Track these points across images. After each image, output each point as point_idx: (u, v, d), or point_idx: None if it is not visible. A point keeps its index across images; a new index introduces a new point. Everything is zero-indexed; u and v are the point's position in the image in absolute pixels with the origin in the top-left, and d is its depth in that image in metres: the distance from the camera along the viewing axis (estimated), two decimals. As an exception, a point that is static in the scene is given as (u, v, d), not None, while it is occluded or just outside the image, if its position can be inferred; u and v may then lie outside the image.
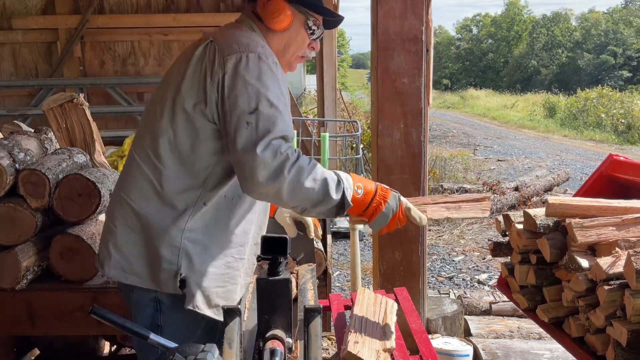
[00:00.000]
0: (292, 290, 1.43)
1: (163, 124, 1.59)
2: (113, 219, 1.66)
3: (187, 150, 1.58)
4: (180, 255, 1.58)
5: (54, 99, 2.90)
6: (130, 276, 1.62)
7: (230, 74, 1.52)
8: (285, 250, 1.37)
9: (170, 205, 1.59)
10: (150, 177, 1.60)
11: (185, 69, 1.59)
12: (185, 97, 1.57)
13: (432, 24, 2.78)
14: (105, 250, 1.66)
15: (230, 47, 1.56)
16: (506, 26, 43.76)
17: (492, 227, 6.53)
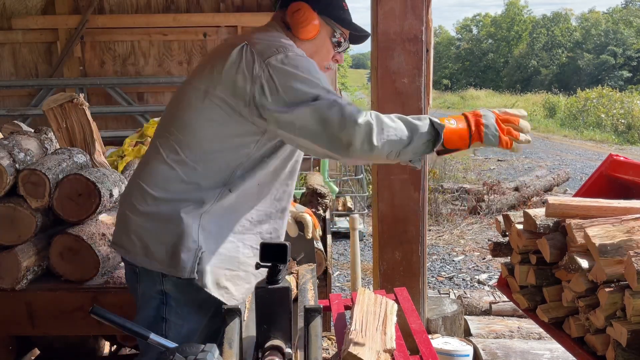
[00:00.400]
0: (291, 299, 1.41)
1: (193, 119, 1.62)
2: (130, 206, 1.67)
3: (222, 149, 1.62)
4: (199, 232, 1.60)
5: (54, 99, 2.90)
6: (154, 262, 1.63)
7: (277, 72, 1.55)
8: (284, 258, 1.34)
9: (196, 188, 1.62)
10: (177, 170, 1.63)
11: (219, 70, 1.60)
12: (220, 98, 1.59)
13: (432, 24, 2.78)
14: (126, 238, 1.67)
15: (268, 50, 1.59)
16: (506, 26, 43.76)
17: (492, 227, 6.53)
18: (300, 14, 1.70)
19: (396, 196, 2.75)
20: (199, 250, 1.60)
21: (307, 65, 1.59)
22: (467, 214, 7.30)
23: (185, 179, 1.63)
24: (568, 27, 41.81)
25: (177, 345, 1.17)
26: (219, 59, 1.63)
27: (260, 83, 1.55)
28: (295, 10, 1.71)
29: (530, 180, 8.44)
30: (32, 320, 2.33)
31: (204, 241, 1.61)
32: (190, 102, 1.65)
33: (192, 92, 1.65)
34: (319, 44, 1.77)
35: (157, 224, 1.63)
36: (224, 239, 1.66)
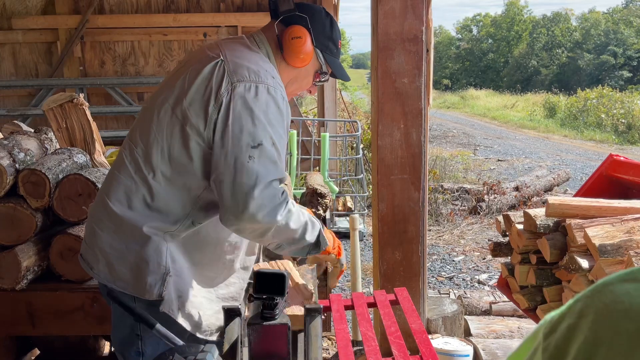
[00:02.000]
0: (290, 337, 1.26)
1: (158, 135, 1.56)
2: (98, 221, 1.62)
3: (180, 167, 1.55)
4: (167, 257, 1.55)
5: (54, 99, 2.90)
6: (118, 281, 1.58)
7: (237, 101, 1.49)
8: (282, 289, 1.21)
9: (158, 213, 1.56)
10: (139, 185, 1.56)
11: (189, 84, 1.55)
12: (185, 113, 1.53)
13: (432, 24, 2.77)
14: (91, 253, 1.63)
15: (240, 72, 1.53)
16: (506, 26, 43.75)
17: (492, 227, 6.53)
18: (299, 43, 1.64)
19: (396, 196, 2.75)
20: (166, 274, 1.54)
21: (271, 110, 1.52)
22: (467, 214, 7.30)
23: (148, 199, 1.56)
24: (568, 27, 41.80)
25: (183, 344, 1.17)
26: (192, 70, 1.57)
27: (221, 104, 1.50)
28: (295, 36, 1.65)
29: (531, 180, 8.44)
30: (32, 320, 2.33)
31: (171, 265, 1.55)
32: (159, 115, 1.57)
33: (162, 107, 1.58)
34: (303, 74, 1.73)
35: (121, 243, 1.57)
36: (191, 263, 1.60)
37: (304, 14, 1.67)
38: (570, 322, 0.49)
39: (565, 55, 39.08)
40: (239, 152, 1.46)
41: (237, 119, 1.48)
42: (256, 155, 1.46)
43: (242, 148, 1.46)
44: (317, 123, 7.70)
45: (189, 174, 1.55)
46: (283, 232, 1.53)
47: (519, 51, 41.51)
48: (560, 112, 21.07)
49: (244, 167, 1.45)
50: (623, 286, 0.48)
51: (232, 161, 1.46)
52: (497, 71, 42.71)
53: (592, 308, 0.49)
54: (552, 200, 2.30)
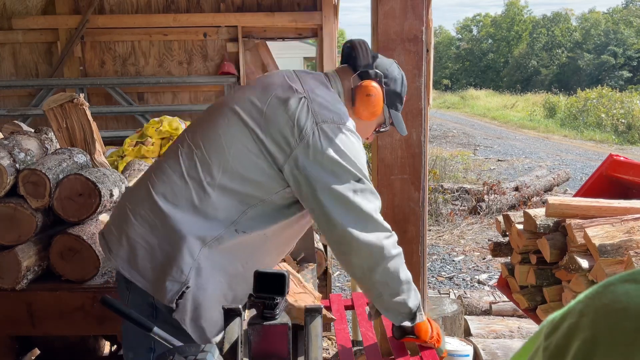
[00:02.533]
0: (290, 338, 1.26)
1: (226, 144, 1.58)
2: (135, 208, 1.60)
3: (240, 180, 1.57)
4: (192, 268, 1.54)
5: (54, 99, 2.90)
6: (135, 273, 1.57)
7: (327, 143, 1.55)
8: (283, 289, 1.20)
9: (203, 218, 1.56)
10: (191, 188, 1.57)
11: (271, 111, 1.59)
12: (260, 137, 1.57)
13: (433, 24, 2.77)
14: (116, 237, 1.61)
15: (325, 114, 1.59)
16: (506, 26, 43.75)
17: (492, 227, 6.53)
18: (372, 101, 1.70)
19: (396, 196, 2.75)
20: (184, 284, 1.53)
21: (357, 148, 1.60)
22: (467, 214, 7.30)
23: (196, 201, 1.56)
24: (568, 27, 41.81)
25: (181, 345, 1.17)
26: (275, 97, 1.61)
27: (306, 141, 1.55)
28: (369, 94, 1.70)
29: (531, 180, 8.44)
30: (32, 320, 2.33)
31: (193, 278, 1.54)
32: (229, 124, 1.60)
33: (235, 117, 1.61)
34: (366, 126, 1.79)
35: (154, 238, 1.56)
36: (213, 280, 1.59)
37: (380, 69, 1.73)
38: (570, 322, 0.50)
39: (565, 55, 39.09)
40: (342, 189, 1.54)
41: (332, 161, 1.55)
42: (359, 189, 1.56)
43: (344, 184, 1.55)
44: (317, 123, 7.69)
45: (247, 188, 1.58)
46: (391, 275, 1.60)
47: (519, 51, 41.52)
48: (560, 112, 21.08)
49: (349, 202, 1.54)
50: (623, 287, 0.49)
51: (337, 199, 1.54)
52: (497, 71, 42.72)
53: (591, 308, 0.49)
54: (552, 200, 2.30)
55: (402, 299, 1.65)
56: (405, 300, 1.65)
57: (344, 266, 1.68)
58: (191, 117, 6.12)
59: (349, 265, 1.63)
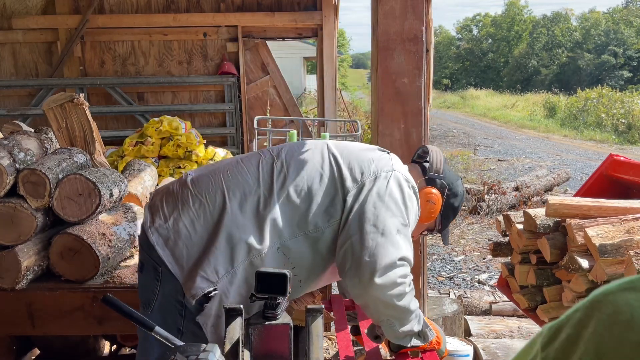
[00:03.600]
0: (292, 338, 1.26)
1: (304, 168, 1.65)
2: (197, 195, 1.61)
3: (307, 202, 1.62)
4: (228, 274, 1.54)
5: (54, 99, 2.90)
6: (167, 252, 1.57)
7: (394, 187, 1.64)
8: (284, 289, 1.21)
9: (259, 227, 1.58)
10: (260, 193, 1.61)
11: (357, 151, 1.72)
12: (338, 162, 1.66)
13: (433, 23, 2.77)
14: (164, 212, 1.61)
15: (401, 172, 1.70)
16: (506, 26, 43.74)
17: (492, 227, 6.53)
18: (431, 208, 1.79)
19: (396, 196, 2.75)
20: (213, 285, 1.53)
21: (413, 203, 1.68)
22: (467, 213, 7.30)
23: (260, 208, 1.60)
24: (568, 27, 41.80)
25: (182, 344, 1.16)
26: (361, 148, 1.76)
27: (377, 177, 1.64)
28: (430, 200, 1.79)
29: (531, 180, 8.44)
30: (32, 320, 2.33)
31: (225, 284, 1.55)
32: (315, 150, 1.71)
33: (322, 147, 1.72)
34: (418, 227, 1.82)
35: (205, 231, 1.57)
36: (239, 294, 1.58)
37: (446, 181, 1.82)
38: (569, 333, 0.48)
39: (565, 55, 39.07)
40: (388, 223, 1.60)
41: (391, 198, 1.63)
42: (403, 232, 1.62)
43: (392, 220, 1.61)
44: (317, 123, 7.70)
45: (310, 208, 1.61)
46: (402, 309, 1.64)
47: (519, 51, 41.51)
48: (560, 112, 21.07)
49: (388, 237, 1.58)
50: (624, 296, 0.47)
51: (379, 226, 1.58)
52: (497, 71, 42.71)
53: (592, 319, 0.47)
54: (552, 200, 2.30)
55: (410, 326, 1.71)
56: (413, 325, 1.72)
57: (357, 301, 1.70)
58: (191, 117, 6.13)
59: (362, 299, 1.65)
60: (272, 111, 7.10)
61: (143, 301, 1.67)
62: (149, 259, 1.62)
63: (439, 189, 1.80)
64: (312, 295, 2.07)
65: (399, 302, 1.62)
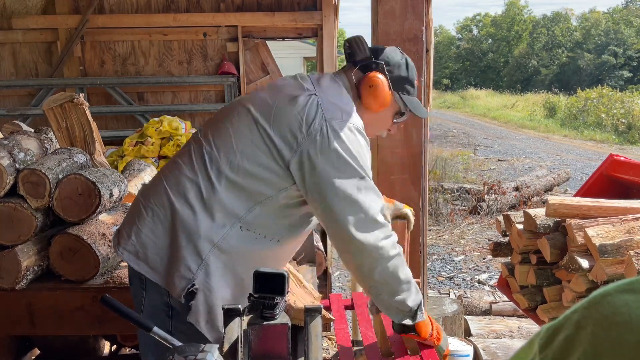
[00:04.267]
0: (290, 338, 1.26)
1: (235, 141, 1.61)
2: (147, 205, 1.63)
3: (247, 176, 1.59)
4: (201, 267, 1.56)
5: (54, 98, 2.90)
6: (141, 264, 1.60)
7: (333, 139, 1.56)
8: (283, 288, 1.21)
9: (210, 216, 1.57)
10: (200, 183, 1.59)
11: (279, 107, 1.61)
12: (268, 133, 1.59)
13: (433, 23, 2.77)
14: (126, 231, 1.65)
15: (333, 110, 1.60)
16: (506, 26, 43.74)
17: (492, 227, 6.53)
18: (377, 91, 1.70)
19: (396, 196, 2.75)
20: (191, 282, 1.54)
21: (363, 148, 1.61)
22: (467, 213, 7.30)
23: (205, 197, 1.58)
24: (568, 27, 41.79)
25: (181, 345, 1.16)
26: (285, 95, 1.64)
27: (314, 136, 1.56)
28: (373, 85, 1.70)
29: (531, 180, 8.44)
30: (32, 320, 2.33)
31: (202, 278, 1.56)
32: (240, 121, 1.64)
33: (245, 114, 1.64)
34: (382, 117, 1.78)
35: (164, 234, 1.59)
36: (224, 282, 1.59)
37: (379, 59, 1.73)
38: (567, 334, 0.48)
39: (565, 55, 39.07)
40: (346, 185, 1.55)
41: (338, 156, 1.56)
42: (363, 186, 1.57)
43: (348, 180, 1.55)
44: (317, 123, 7.68)
45: (254, 185, 1.59)
46: (391, 274, 1.60)
47: (519, 51, 41.50)
48: (561, 112, 21.07)
49: (352, 199, 1.54)
50: (622, 297, 0.47)
51: (340, 194, 1.54)
52: (497, 71, 42.71)
53: (590, 320, 0.47)
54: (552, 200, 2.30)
55: (401, 298, 1.65)
56: (405, 299, 1.65)
57: (344, 263, 1.70)
58: (191, 117, 6.13)
59: (348, 263, 1.64)
60: (272, 111, 7.09)
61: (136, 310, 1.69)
62: (132, 272, 1.67)
63: (376, 70, 1.71)
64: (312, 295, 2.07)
65: (382, 266, 1.58)
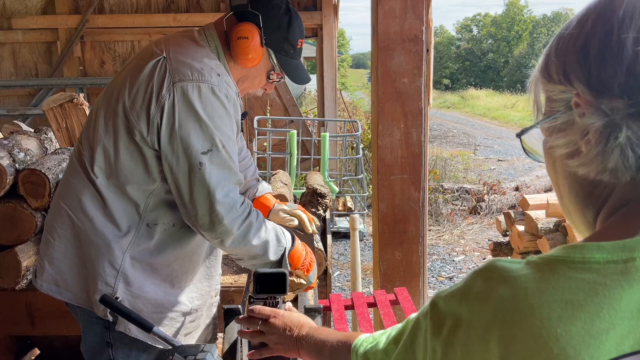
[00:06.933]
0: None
1: (105, 137, 1.49)
2: (51, 230, 1.56)
3: (126, 170, 1.49)
4: (118, 278, 1.49)
5: (54, 98, 2.90)
6: (64, 292, 1.55)
7: (180, 104, 1.42)
8: (284, 288, 1.21)
9: (113, 223, 1.50)
10: (92, 194, 1.50)
11: (131, 84, 1.47)
12: (127, 115, 1.46)
13: (433, 23, 2.77)
14: (41, 263, 1.58)
15: (183, 71, 1.44)
16: (506, 26, 43.76)
17: (492, 227, 6.53)
18: (245, 43, 1.53)
19: (396, 196, 2.75)
20: (113, 296, 1.47)
21: (217, 111, 1.44)
22: (467, 214, 7.30)
23: (99, 204, 1.50)
24: (568, 27, 41.79)
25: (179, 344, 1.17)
26: (135, 68, 1.50)
27: (162, 105, 1.42)
28: (241, 36, 1.53)
29: (531, 180, 8.44)
30: (32, 320, 2.33)
31: (123, 289, 1.49)
32: (104, 112, 1.51)
33: (107, 102, 1.52)
34: (253, 73, 1.63)
35: (74, 254, 1.53)
36: (148, 286, 1.53)
37: (257, 10, 1.55)
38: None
39: (566, 55, 39.06)
40: (190, 160, 1.42)
41: (183, 124, 1.42)
42: (206, 161, 1.42)
43: (192, 155, 1.41)
44: (317, 123, 7.70)
45: (135, 177, 1.49)
46: (242, 244, 1.49)
47: (519, 51, 41.53)
48: (561, 112, 21.07)
49: (196, 175, 1.42)
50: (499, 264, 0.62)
51: (186, 168, 1.42)
52: (497, 71, 42.72)
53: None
54: (552, 200, 2.30)
55: (262, 259, 1.54)
56: (267, 257, 1.54)
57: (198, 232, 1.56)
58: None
59: (201, 234, 1.52)
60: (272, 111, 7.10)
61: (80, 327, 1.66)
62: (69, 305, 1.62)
63: (249, 21, 1.54)
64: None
65: (231, 239, 1.47)
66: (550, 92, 0.62)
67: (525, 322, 0.53)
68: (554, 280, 0.55)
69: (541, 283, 0.56)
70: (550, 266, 0.58)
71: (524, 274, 0.59)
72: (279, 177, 2.90)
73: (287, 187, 2.79)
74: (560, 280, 0.55)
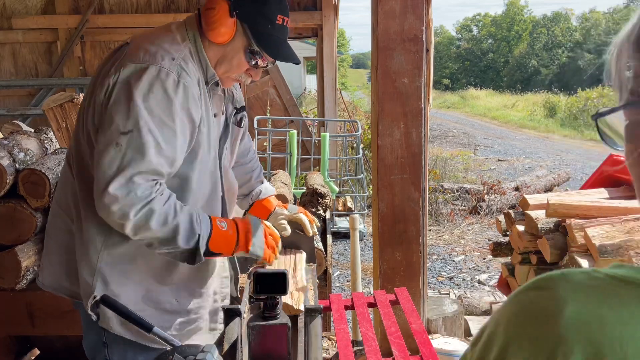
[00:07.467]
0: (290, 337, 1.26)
1: (80, 134, 1.50)
2: (48, 227, 1.66)
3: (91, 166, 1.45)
4: (96, 277, 1.49)
5: (54, 98, 2.90)
6: (63, 289, 1.62)
7: (120, 84, 1.38)
8: (284, 288, 1.20)
9: (92, 220, 1.48)
10: (76, 192, 1.52)
11: (98, 74, 1.47)
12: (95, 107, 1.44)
13: (433, 23, 2.77)
14: (42, 260, 1.68)
15: (135, 54, 1.41)
16: (506, 26, 43.74)
17: (492, 227, 6.53)
18: (212, 13, 1.47)
19: (396, 196, 2.75)
20: (91, 295, 1.49)
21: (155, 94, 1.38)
22: (467, 214, 7.29)
23: (80, 202, 1.50)
24: (568, 27, 41.80)
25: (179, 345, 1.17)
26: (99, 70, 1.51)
27: (107, 84, 1.40)
28: (209, 7, 1.47)
29: (531, 180, 8.44)
30: (32, 320, 2.33)
31: (101, 287, 1.49)
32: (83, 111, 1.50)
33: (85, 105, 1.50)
34: (230, 52, 1.53)
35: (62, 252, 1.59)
36: (127, 284, 1.51)
37: None
38: (489, 331, 0.56)
39: (565, 55, 39.08)
40: (108, 137, 1.36)
41: (115, 102, 1.37)
42: (124, 142, 1.35)
43: (112, 133, 1.36)
44: (317, 123, 7.70)
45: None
46: (143, 230, 1.39)
47: (519, 51, 41.51)
48: (561, 112, 21.08)
49: (108, 155, 1.35)
50: (527, 295, 0.54)
51: (103, 146, 1.37)
52: (497, 71, 42.71)
53: (504, 317, 0.55)
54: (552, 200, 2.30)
55: (172, 246, 1.44)
56: (176, 243, 1.43)
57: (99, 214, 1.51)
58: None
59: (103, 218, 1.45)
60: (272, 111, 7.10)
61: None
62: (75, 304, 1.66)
63: None
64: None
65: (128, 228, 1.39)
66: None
67: None
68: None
69: None
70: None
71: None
72: (279, 177, 2.90)
73: (287, 187, 2.79)
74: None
